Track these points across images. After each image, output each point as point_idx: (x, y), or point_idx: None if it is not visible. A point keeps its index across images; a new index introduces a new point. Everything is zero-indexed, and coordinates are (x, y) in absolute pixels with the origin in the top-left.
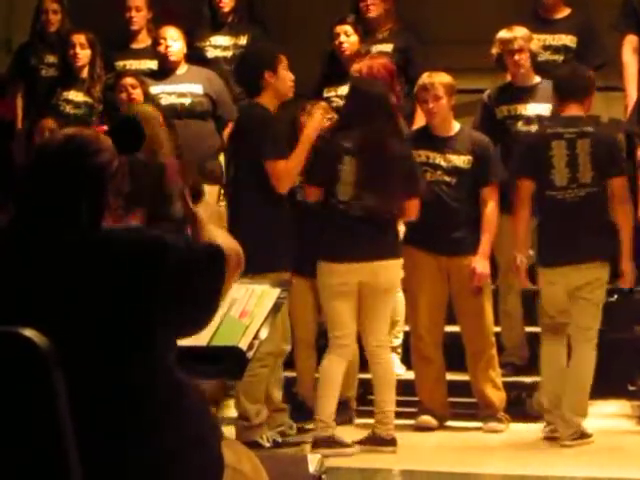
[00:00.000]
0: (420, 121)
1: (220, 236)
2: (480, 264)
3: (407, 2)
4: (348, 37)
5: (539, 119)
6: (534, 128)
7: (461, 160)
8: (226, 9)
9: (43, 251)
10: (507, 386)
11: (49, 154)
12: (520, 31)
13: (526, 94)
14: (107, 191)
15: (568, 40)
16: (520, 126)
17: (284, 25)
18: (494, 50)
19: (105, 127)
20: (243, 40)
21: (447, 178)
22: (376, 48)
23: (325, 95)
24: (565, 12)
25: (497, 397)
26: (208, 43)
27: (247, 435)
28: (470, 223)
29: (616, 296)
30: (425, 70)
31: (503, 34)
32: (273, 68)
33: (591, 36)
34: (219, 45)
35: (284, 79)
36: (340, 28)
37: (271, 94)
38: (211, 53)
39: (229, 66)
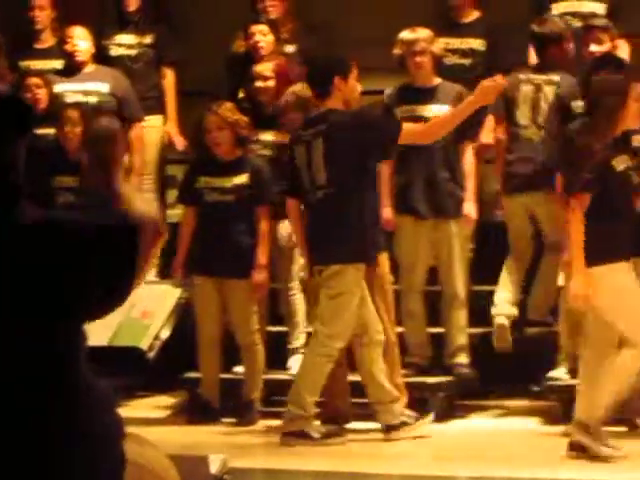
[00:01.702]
0: None
1: (139, 206)
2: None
3: (311, 2)
4: (265, 36)
5: None
6: None
7: None
8: (132, 8)
9: None
10: (410, 387)
11: None
12: (423, 33)
13: (426, 95)
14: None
15: (476, 44)
16: None
17: (189, 24)
18: (396, 51)
19: None
20: (148, 39)
21: None
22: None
23: (241, 96)
24: (473, 16)
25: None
26: (113, 41)
27: (299, 425)
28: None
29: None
30: None
31: (406, 35)
32: (344, 75)
33: (500, 39)
34: (124, 44)
35: (353, 88)
36: (255, 28)
37: (339, 100)
38: (115, 51)
39: (133, 64)
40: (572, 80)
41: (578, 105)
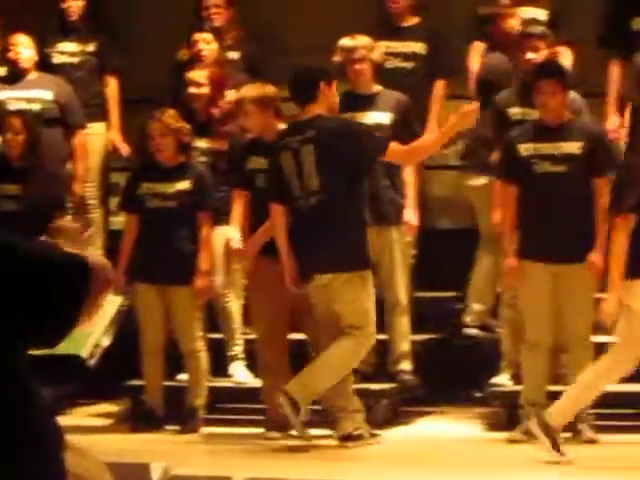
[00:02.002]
0: None
1: (90, 253)
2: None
3: (254, 10)
4: (208, 44)
5: (378, 127)
6: None
7: None
8: (74, 16)
9: None
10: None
11: None
12: (362, 40)
13: (366, 102)
14: None
15: (417, 47)
16: None
17: (132, 31)
18: (336, 58)
19: None
20: (91, 47)
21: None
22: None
23: None
24: (413, 20)
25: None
26: (56, 49)
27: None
28: None
29: (463, 303)
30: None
31: (345, 42)
32: (329, 80)
33: (441, 45)
34: (66, 51)
35: (334, 95)
36: (199, 36)
37: (324, 105)
38: (57, 59)
39: (76, 72)
40: (508, 88)
41: (515, 112)
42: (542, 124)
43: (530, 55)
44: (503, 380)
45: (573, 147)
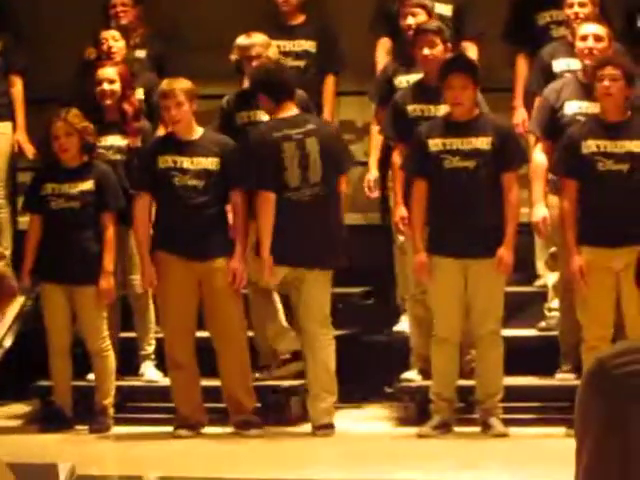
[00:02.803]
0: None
1: None
2: (238, 265)
3: (159, 8)
4: (116, 42)
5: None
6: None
7: (209, 162)
8: None
9: None
10: (266, 389)
11: None
12: (258, 37)
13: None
14: None
15: (308, 45)
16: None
17: (36, 30)
18: (233, 56)
19: None
20: None
21: (195, 182)
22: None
23: None
24: (301, 18)
25: (249, 401)
26: None
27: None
28: (220, 226)
29: (373, 299)
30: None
31: (241, 40)
32: None
33: (329, 41)
34: None
35: None
36: (107, 33)
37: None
38: None
39: None
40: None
41: (415, 108)
42: (451, 119)
43: (426, 51)
44: (412, 375)
45: (482, 142)
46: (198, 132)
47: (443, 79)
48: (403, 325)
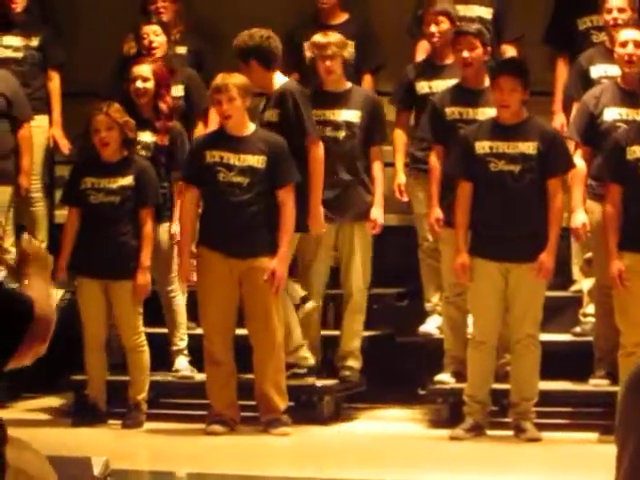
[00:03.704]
0: (214, 122)
1: (40, 296)
2: (279, 266)
3: (198, 4)
4: (157, 37)
5: (347, 125)
6: (342, 134)
7: (255, 160)
8: (18, 9)
9: None
10: (298, 388)
11: None
12: (335, 37)
13: (337, 100)
14: None
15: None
16: (328, 132)
17: (73, 24)
18: (308, 53)
19: None
20: (35, 41)
21: (240, 178)
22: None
23: None
24: (342, 17)
25: (281, 400)
26: None
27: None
28: (263, 224)
29: (407, 300)
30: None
31: (318, 38)
32: None
33: (369, 40)
34: (10, 46)
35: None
36: (149, 28)
37: None
38: (1, 53)
39: (19, 67)
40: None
41: (453, 111)
42: (499, 122)
43: (465, 53)
44: (446, 377)
45: (528, 147)
46: (250, 129)
47: (492, 80)
48: (429, 326)
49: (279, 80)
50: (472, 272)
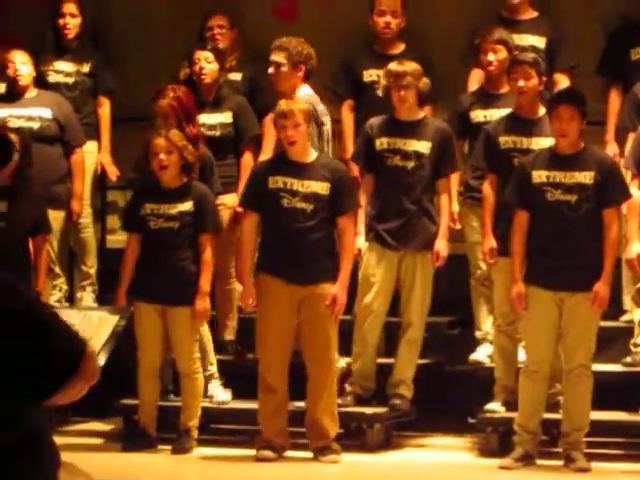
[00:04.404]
0: (270, 147)
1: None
2: (340, 292)
3: (253, 31)
4: (209, 63)
5: (417, 156)
6: (411, 164)
7: (319, 187)
8: (71, 35)
9: None
10: (348, 416)
11: None
12: (411, 66)
13: (408, 130)
14: None
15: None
16: (397, 161)
17: (124, 51)
18: (383, 81)
19: None
20: (86, 67)
21: (304, 205)
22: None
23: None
24: (400, 47)
25: (332, 427)
26: (51, 67)
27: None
28: (325, 251)
29: (458, 329)
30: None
31: (394, 67)
32: None
33: (429, 71)
34: (62, 71)
35: None
36: (201, 54)
37: None
38: (53, 78)
39: (70, 92)
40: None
41: (507, 140)
42: (556, 152)
43: (521, 82)
44: (496, 406)
45: (585, 177)
46: (312, 155)
47: (551, 110)
48: (479, 355)
49: (304, 91)
50: (526, 301)
